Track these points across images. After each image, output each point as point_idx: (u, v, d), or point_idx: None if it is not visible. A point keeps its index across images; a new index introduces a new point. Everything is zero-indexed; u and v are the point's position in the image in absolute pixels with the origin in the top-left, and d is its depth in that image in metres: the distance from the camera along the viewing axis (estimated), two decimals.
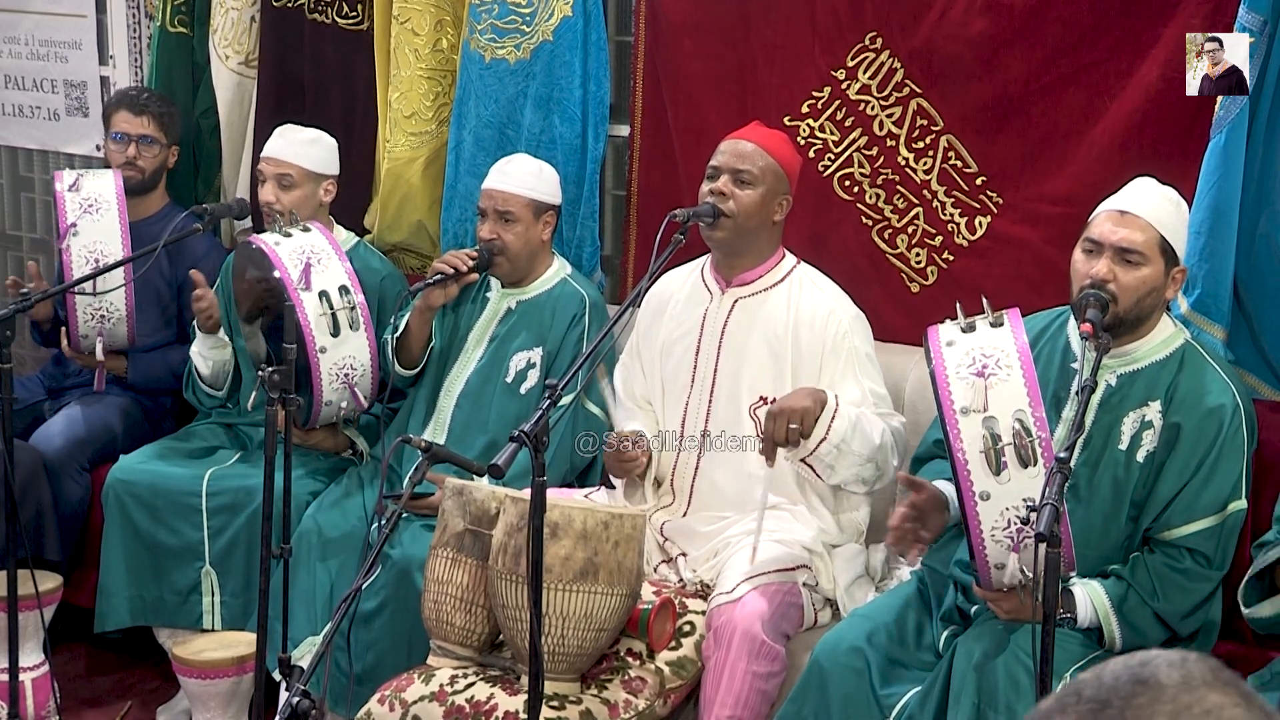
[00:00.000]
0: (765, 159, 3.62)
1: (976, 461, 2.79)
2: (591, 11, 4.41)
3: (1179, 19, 3.56)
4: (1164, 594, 3.03)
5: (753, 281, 3.70)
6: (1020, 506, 2.76)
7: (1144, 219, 3.09)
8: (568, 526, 3.22)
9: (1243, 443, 3.07)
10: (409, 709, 3.29)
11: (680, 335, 3.76)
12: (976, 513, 2.81)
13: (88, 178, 4.39)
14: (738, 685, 3.31)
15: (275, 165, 4.32)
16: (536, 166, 4.12)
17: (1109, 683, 1.15)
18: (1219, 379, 3.11)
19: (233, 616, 4.18)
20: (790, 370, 3.60)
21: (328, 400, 3.94)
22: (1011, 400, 2.79)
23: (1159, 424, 3.09)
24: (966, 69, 3.87)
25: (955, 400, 2.81)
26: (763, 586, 3.39)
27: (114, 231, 4.31)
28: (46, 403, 4.71)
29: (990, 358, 2.83)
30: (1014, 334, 2.86)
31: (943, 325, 2.95)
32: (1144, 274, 3.07)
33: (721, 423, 3.67)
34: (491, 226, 4.06)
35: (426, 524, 3.82)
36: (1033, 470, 2.76)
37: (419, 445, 2.87)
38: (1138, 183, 3.19)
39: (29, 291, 3.91)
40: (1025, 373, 2.80)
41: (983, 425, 2.79)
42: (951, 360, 2.86)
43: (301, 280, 3.84)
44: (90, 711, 4.33)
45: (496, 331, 4.14)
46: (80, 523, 4.45)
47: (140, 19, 5.36)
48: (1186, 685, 1.13)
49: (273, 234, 3.99)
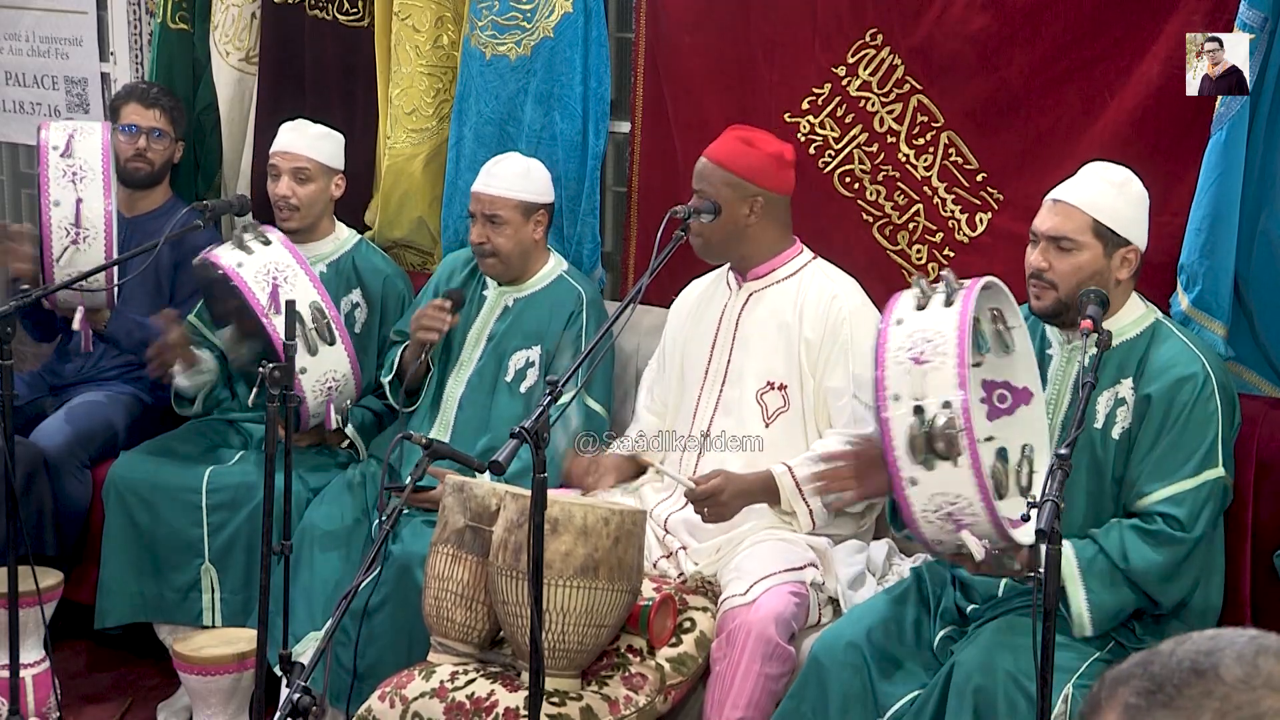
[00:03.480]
0: (718, 174, 3.65)
1: (903, 449, 2.80)
2: (592, 8, 4.40)
3: (1180, 15, 3.56)
4: (1131, 555, 3.02)
5: (765, 275, 3.74)
6: (950, 495, 2.78)
7: (1075, 205, 3.14)
8: (568, 522, 3.22)
9: (1215, 411, 3.08)
10: (409, 705, 3.29)
11: (700, 332, 3.81)
12: (907, 497, 2.84)
13: (79, 138, 4.25)
14: (750, 687, 3.32)
15: (291, 159, 4.33)
16: (524, 167, 4.10)
17: (1172, 665, 1.12)
18: (1188, 350, 3.14)
19: (232, 613, 4.18)
20: (798, 353, 3.62)
21: (314, 414, 4.01)
22: (941, 389, 2.78)
23: (1131, 399, 3.12)
24: (967, 65, 3.87)
25: (888, 384, 2.82)
26: (775, 588, 3.39)
27: (98, 197, 4.19)
28: (47, 399, 4.71)
29: (930, 342, 2.82)
30: (960, 316, 2.84)
31: (903, 295, 2.95)
32: (1079, 260, 3.12)
33: (729, 407, 3.69)
34: (481, 230, 4.05)
35: (427, 519, 3.82)
36: (959, 460, 2.76)
37: (420, 442, 2.88)
38: (1083, 169, 3.24)
39: (29, 289, 3.90)
40: (959, 360, 2.79)
41: (912, 414, 2.79)
42: (894, 341, 2.86)
43: (271, 305, 3.85)
44: (91, 708, 4.33)
45: (495, 330, 4.14)
46: (81, 519, 4.45)
47: (141, 15, 5.35)
48: (1246, 683, 1.09)
49: (233, 251, 3.97)
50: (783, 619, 3.35)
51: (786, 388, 3.64)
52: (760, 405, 3.65)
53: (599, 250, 4.52)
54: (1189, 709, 1.09)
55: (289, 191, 4.31)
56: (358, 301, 4.42)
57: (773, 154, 3.69)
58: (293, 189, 4.31)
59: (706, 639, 3.43)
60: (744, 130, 3.76)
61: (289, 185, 4.31)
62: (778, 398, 3.65)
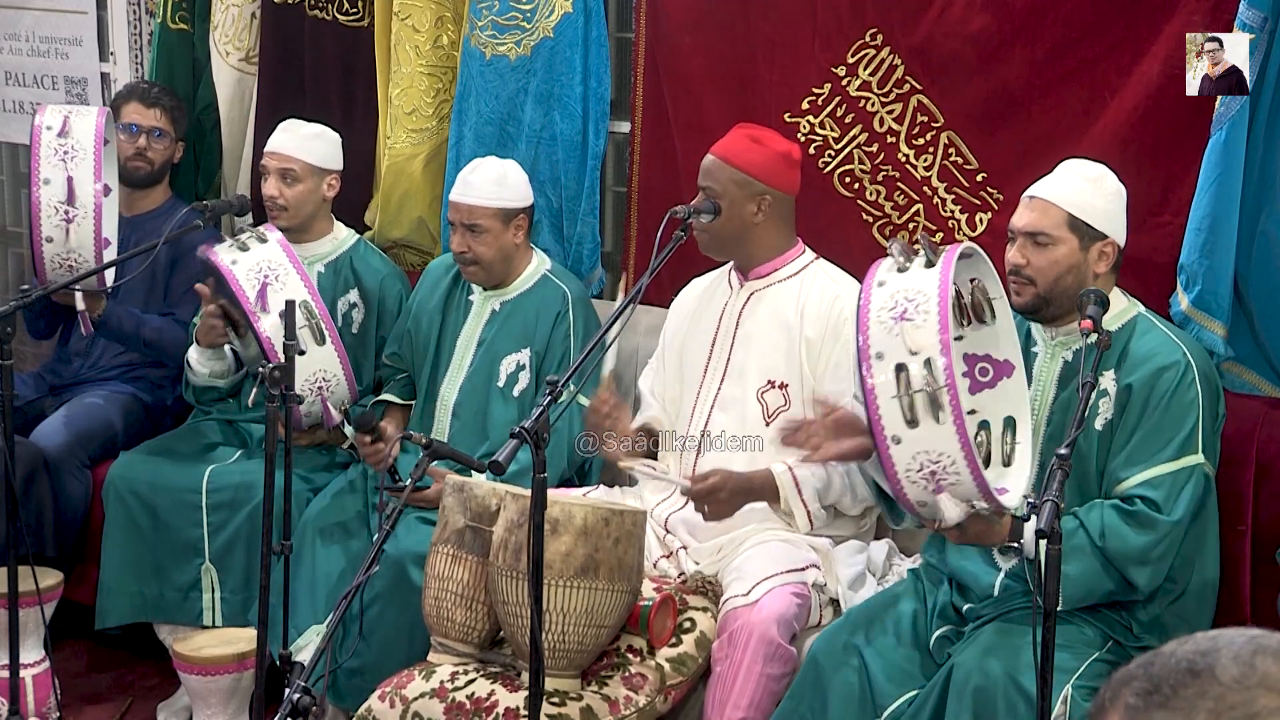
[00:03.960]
0: (726, 171, 3.63)
1: (888, 406, 2.81)
2: (592, 8, 4.40)
3: (1180, 15, 3.56)
4: (1109, 535, 3.04)
5: (768, 275, 3.73)
6: (933, 453, 2.79)
7: (1051, 200, 3.18)
8: (568, 523, 3.22)
9: (1196, 398, 3.10)
10: (410, 705, 3.29)
11: (701, 330, 3.80)
12: (890, 455, 2.84)
13: (75, 119, 4.24)
14: (751, 687, 3.32)
15: (279, 160, 4.33)
16: (499, 173, 4.06)
17: (1170, 665, 1.12)
18: (1169, 341, 3.17)
19: (233, 613, 4.18)
20: (799, 352, 3.62)
21: (305, 413, 3.99)
22: (924, 346, 2.80)
23: (1113, 391, 3.14)
24: (967, 65, 3.87)
25: (872, 344, 2.83)
26: (778, 588, 3.39)
27: (87, 179, 4.18)
28: (47, 399, 4.71)
29: (911, 301, 2.84)
30: (940, 276, 2.86)
31: (883, 261, 2.97)
32: (1056, 254, 3.15)
33: (728, 405, 3.69)
34: (461, 239, 4.03)
35: (422, 517, 3.83)
36: (942, 416, 2.78)
37: (420, 441, 2.88)
38: (1059, 166, 3.27)
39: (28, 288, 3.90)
40: (941, 317, 2.80)
41: (894, 371, 2.80)
42: (877, 301, 2.87)
43: (259, 303, 3.85)
44: (91, 708, 4.33)
45: (484, 336, 4.13)
46: (81, 519, 4.45)
47: (141, 15, 5.35)
48: (1240, 683, 1.09)
49: (230, 249, 3.99)
50: (785, 619, 3.36)
51: (787, 386, 3.64)
52: (761, 404, 3.65)
53: (599, 250, 4.52)
54: (1184, 709, 1.09)
55: (276, 192, 4.31)
56: (355, 301, 4.42)
57: (781, 153, 3.69)
58: (280, 189, 4.31)
59: (707, 639, 3.43)
60: (752, 129, 3.75)
61: (276, 185, 4.31)
62: (778, 396, 3.65)
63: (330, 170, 4.40)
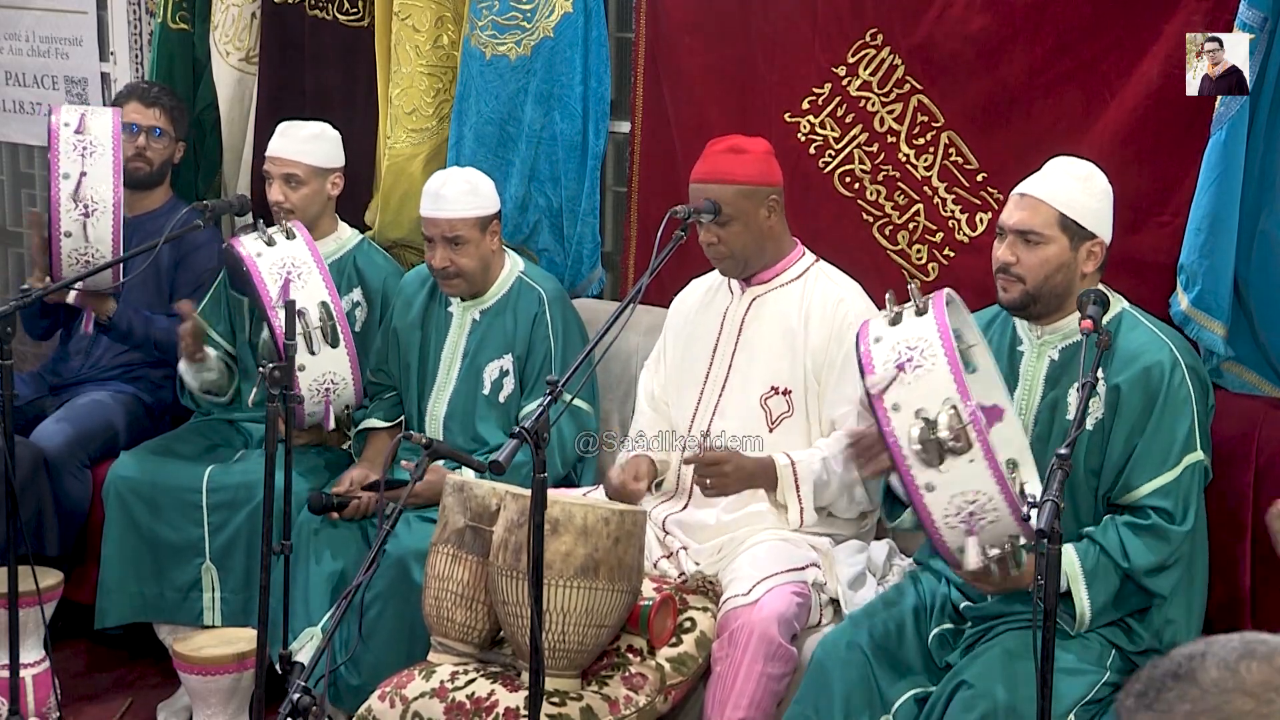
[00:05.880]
0: (729, 191, 3.59)
1: (914, 456, 2.80)
2: (592, 8, 4.40)
3: (1180, 15, 3.56)
4: (1131, 554, 3.06)
5: (770, 280, 3.72)
6: (969, 493, 2.77)
7: (1041, 199, 3.18)
8: (568, 523, 3.22)
9: (1188, 395, 3.11)
10: (410, 705, 3.29)
11: (701, 334, 3.79)
12: (925, 505, 2.82)
13: (91, 117, 4.27)
14: (752, 687, 3.32)
15: (281, 165, 4.33)
16: (470, 183, 4.03)
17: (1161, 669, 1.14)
18: (1155, 338, 3.18)
19: (233, 613, 4.18)
20: (803, 359, 3.62)
21: (310, 412, 3.99)
22: (939, 389, 2.79)
23: (1102, 390, 3.14)
24: (967, 65, 3.87)
25: (886, 398, 2.82)
26: (778, 588, 3.39)
27: (106, 176, 4.20)
28: (47, 399, 4.71)
29: (914, 349, 2.83)
30: (936, 320, 2.86)
31: (873, 321, 2.97)
32: (1046, 253, 3.16)
33: (732, 413, 3.68)
34: (444, 253, 4.00)
35: (420, 515, 3.83)
36: (970, 455, 2.77)
37: (420, 441, 2.88)
38: (1047, 164, 3.27)
39: (28, 288, 3.90)
40: (949, 359, 2.80)
41: (915, 418, 2.79)
42: (879, 357, 2.86)
43: (280, 298, 3.85)
44: (91, 708, 4.33)
45: (467, 347, 4.12)
46: (81, 519, 4.45)
47: (141, 15, 5.35)
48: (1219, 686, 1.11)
49: (256, 241, 3.99)
50: (785, 619, 3.36)
51: (791, 392, 3.64)
52: (764, 410, 3.64)
53: (599, 250, 4.52)
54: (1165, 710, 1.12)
55: (282, 197, 4.32)
56: (358, 300, 4.42)
57: (763, 152, 3.69)
58: (285, 194, 4.32)
59: (707, 639, 3.43)
60: (722, 142, 3.70)
61: (281, 190, 4.32)
62: (782, 403, 3.64)
63: (333, 169, 4.40)
